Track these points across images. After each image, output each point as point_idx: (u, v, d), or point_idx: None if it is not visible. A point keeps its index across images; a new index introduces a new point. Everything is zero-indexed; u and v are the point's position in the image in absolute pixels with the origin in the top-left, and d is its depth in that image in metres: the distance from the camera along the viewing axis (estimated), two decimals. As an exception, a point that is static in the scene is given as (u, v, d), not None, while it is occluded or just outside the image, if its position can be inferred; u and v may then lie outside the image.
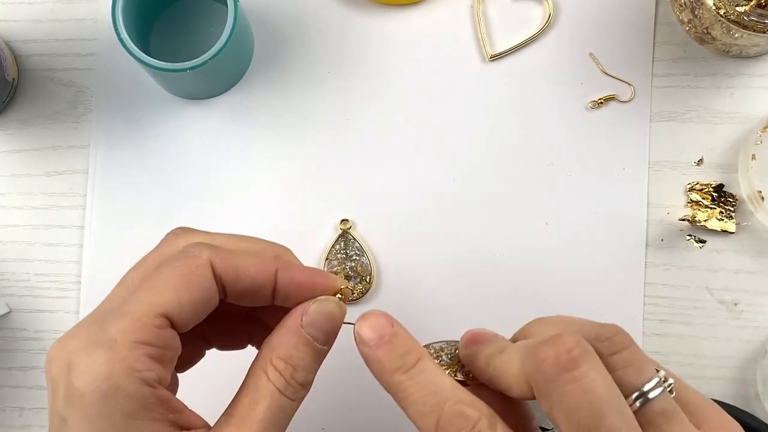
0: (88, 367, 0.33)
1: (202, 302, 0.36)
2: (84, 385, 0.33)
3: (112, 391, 0.32)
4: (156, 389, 0.34)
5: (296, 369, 0.36)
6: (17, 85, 0.56)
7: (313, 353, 0.37)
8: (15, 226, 0.55)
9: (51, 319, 0.55)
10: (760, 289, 0.53)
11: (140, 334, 0.34)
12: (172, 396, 0.35)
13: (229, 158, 0.55)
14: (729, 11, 0.49)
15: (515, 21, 0.56)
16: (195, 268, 0.36)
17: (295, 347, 0.37)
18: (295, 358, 0.37)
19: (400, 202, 0.55)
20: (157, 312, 0.34)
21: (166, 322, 0.35)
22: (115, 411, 0.32)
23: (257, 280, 0.37)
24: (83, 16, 0.57)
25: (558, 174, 0.54)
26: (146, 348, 0.34)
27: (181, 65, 0.49)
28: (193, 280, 0.35)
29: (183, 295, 0.35)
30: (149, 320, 0.34)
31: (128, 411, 0.33)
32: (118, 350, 0.33)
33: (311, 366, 0.37)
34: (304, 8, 0.56)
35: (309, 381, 0.37)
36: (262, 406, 0.35)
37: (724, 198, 0.54)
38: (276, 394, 0.36)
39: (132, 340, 0.33)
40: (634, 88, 0.55)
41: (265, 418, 0.35)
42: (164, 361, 0.35)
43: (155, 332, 0.34)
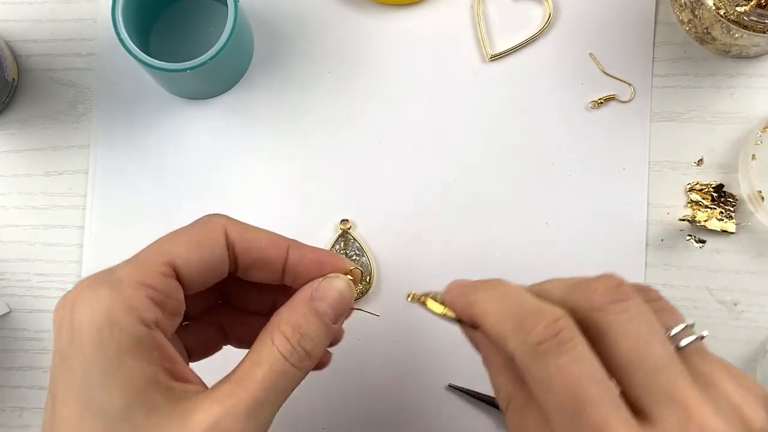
0: (90, 302, 0.34)
1: (211, 264, 0.37)
2: (84, 318, 0.33)
3: (108, 324, 0.33)
4: (152, 331, 0.34)
5: (303, 337, 0.37)
6: (17, 85, 0.56)
7: (321, 326, 0.37)
8: (15, 226, 0.55)
9: (51, 319, 0.54)
10: (760, 289, 0.53)
11: (145, 276, 0.35)
12: (170, 346, 0.35)
13: (229, 158, 0.55)
14: (729, 11, 0.49)
15: (515, 21, 0.56)
16: (209, 232, 0.37)
17: (304, 317, 0.37)
18: (303, 327, 0.37)
19: (400, 202, 0.55)
20: (164, 260, 0.36)
21: (171, 272, 0.36)
22: (110, 345, 0.33)
23: (268, 253, 0.38)
24: (83, 16, 0.57)
25: (558, 174, 0.54)
26: (149, 290, 0.35)
27: (181, 65, 0.49)
28: (204, 242, 0.37)
29: (192, 253, 0.36)
30: (156, 266, 0.35)
31: (122, 346, 0.33)
32: (121, 289, 0.34)
33: (319, 338, 0.37)
34: (304, 8, 0.56)
35: (315, 353, 0.37)
36: (263, 369, 0.35)
37: (724, 198, 0.54)
38: (279, 359, 0.36)
39: (136, 281, 0.34)
40: (634, 88, 0.55)
41: (265, 380, 0.35)
42: (165, 309, 0.35)
43: (160, 278, 0.35)
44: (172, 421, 0.33)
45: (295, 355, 0.36)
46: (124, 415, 0.33)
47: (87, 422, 0.33)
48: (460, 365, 0.53)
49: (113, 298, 0.34)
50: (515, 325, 0.33)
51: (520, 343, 0.32)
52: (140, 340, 0.34)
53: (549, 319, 0.32)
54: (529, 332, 0.32)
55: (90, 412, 0.33)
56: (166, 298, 0.36)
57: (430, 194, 0.55)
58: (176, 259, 0.36)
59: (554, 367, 0.31)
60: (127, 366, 0.33)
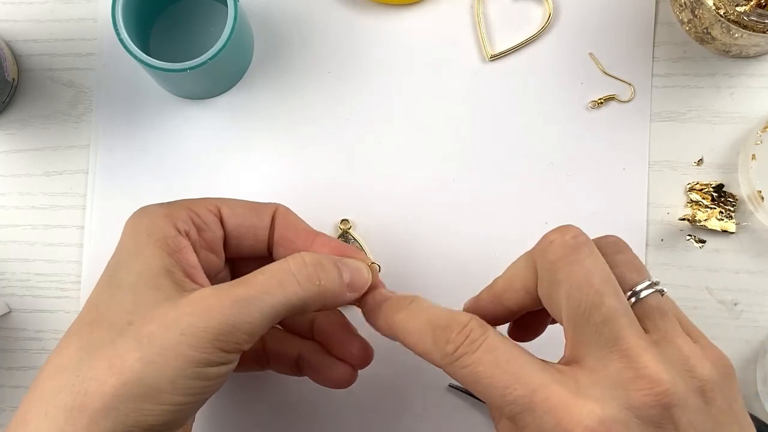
0: (145, 209, 0.42)
1: (253, 224, 0.44)
2: (135, 217, 0.42)
3: (147, 219, 0.41)
4: (181, 236, 0.41)
5: (321, 265, 0.40)
6: (17, 85, 0.56)
7: (336, 272, 0.40)
8: (15, 226, 0.55)
9: (51, 319, 0.55)
10: (760, 289, 0.53)
11: (191, 203, 0.43)
12: (193, 254, 0.41)
13: (228, 158, 0.55)
14: (729, 11, 0.49)
15: (515, 21, 0.56)
16: (262, 204, 0.45)
17: (324, 257, 0.41)
18: (324, 260, 0.40)
19: (400, 202, 0.55)
20: (213, 202, 0.43)
21: (216, 211, 0.43)
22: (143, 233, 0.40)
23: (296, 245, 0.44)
24: (83, 16, 0.57)
25: (558, 174, 0.54)
26: (191, 212, 0.42)
27: (181, 65, 0.49)
28: (256, 206, 0.45)
29: (240, 207, 0.44)
30: (204, 202, 0.43)
31: (151, 236, 0.40)
32: (170, 205, 0.42)
33: (330, 277, 0.40)
34: (304, 8, 0.56)
35: (323, 286, 0.40)
36: (264, 275, 0.39)
37: (724, 198, 0.54)
38: (286, 270, 0.39)
39: (184, 205, 0.42)
40: (634, 88, 0.55)
41: (260, 283, 0.38)
42: (201, 233, 0.42)
43: (204, 210, 0.43)
44: (170, 298, 0.38)
45: (304, 270, 0.39)
46: (131, 287, 0.38)
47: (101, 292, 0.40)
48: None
49: (162, 207, 0.42)
50: (432, 340, 0.36)
51: (440, 357, 0.36)
52: (167, 238, 0.40)
53: (458, 327, 0.36)
54: (445, 345, 0.35)
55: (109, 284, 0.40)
56: (205, 225, 0.42)
57: (430, 194, 0.55)
58: (224, 205, 0.43)
59: (474, 363, 0.34)
60: (148, 251, 0.39)
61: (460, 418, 0.53)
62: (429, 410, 0.53)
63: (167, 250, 0.40)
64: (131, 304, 0.38)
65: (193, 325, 0.36)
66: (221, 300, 0.37)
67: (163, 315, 0.37)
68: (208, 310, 0.37)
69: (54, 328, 0.55)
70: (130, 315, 0.37)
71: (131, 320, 0.37)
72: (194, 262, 0.41)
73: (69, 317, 0.54)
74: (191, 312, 0.37)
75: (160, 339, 0.36)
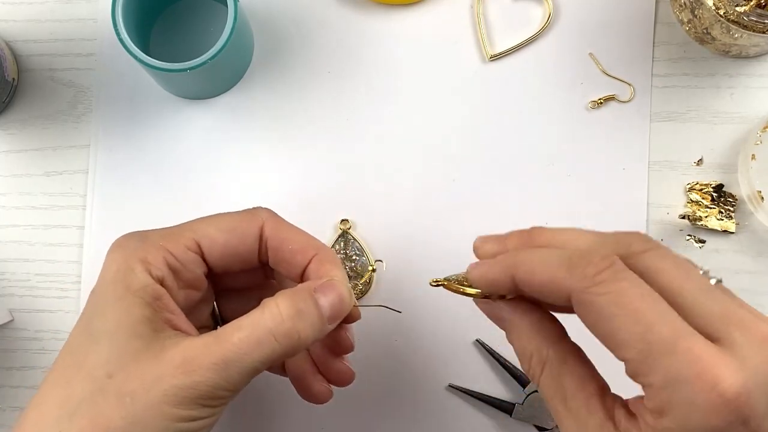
0: (120, 247, 0.41)
1: (238, 251, 0.42)
2: (110, 258, 0.40)
3: (124, 266, 0.40)
4: (156, 284, 0.39)
5: (298, 314, 0.39)
6: (17, 85, 0.56)
7: (317, 315, 0.40)
8: (15, 226, 0.55)
9: (51, 319, 0.55)
10: (760, 289, 0.53)
11: (168, 242, 0.41)
12: (171, 301, 0.40)
13: (228, 158, 0.55)
14: (729, 11, 0.49)
15: (515, 21, 0.56)
16: (245, 222, 0.42)
17: (303, 300, 0.40)
18: (300, 306, 0.39)
19: (400, 202, 0.55)
20: (191, 236, 0.41)
21: (195, 247, 0.41)
22: (120, 282, 0.39)
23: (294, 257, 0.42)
24: (83, 16, 0.57)
25: (558, 174, 0.54)
26: (167, 254, 0.40)
27: (181, 65, 0.49)
28: (237, 230, 0.42)
29: (221, 236, 0.41)
30: (182, 238, 0.41)
31: (129, 286, 0.39)
32: (146, 245, 0.40)
33: (311, 324, 0.39)
34: (304, 8, 0.56)
35: (301, 336, 0.39)
36: (242, 333, 0.38)
37: (724, 198, 0.54)
38: (263, 327, 0.38)
39: (159, 243, 0.40)
40: (634, 88, 0.55)
41: (239, 343, 0.38)
42: (178, 275, 0.41)
43: (182, 248, 0.41)
44: (150, 349, 0.37)
45: (281, 326, 0.39)
46: (109, 336, 0.38)
47: (78, 339, 0.39)
48: (460, 365, 0.53)
49: (136, 248, 0.40)
50: (569, 267, 0.34)
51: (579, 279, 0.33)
52: (145, 287, 0.39)
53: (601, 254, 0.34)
54: (586, 267, 0.33)
55: (85, 332, 0.39)
56: (182, 266, 0.41)
57: (429, 194, 0.55)
58: (203, 238, 0.41)
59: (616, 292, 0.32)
60: (126, 301, 0.39)
61: (460, 418, 0.53)
62: (429, 410, 0.53)
63: (146, 299, 0.39)
64: (109, 354, 0.38)
65: (175, 386, 0.37)
66: (201, 362, 0.37)
67: (144, 372, 0.37)
68: (189, 374, 0.37)
69: (54, 329, 0.55)
70: (108, 366, 0.37)
71: (111, 372, 0.37)
72: (173, 308, 0.40)
73: (69, 317, 0.54)
74: (173, 373, 0.37)
75: (142, 398, 0.37)
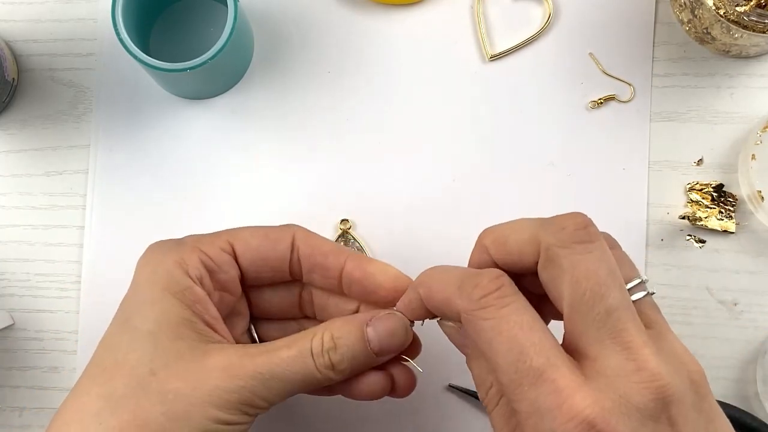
0: (155, 252, 0.42)
1: (270, 256, 0.42)
2: (146, 262, 0.42)
3: (161, 268, 0.40)
4: (196, 285, 0.40)
5: (337, 348, 0.39)
6: (17, 85, 0.56)
7: (361, 348, 0.40)
8: (15, 226, 0.55)
9: (51, 319, 0.55)
10: (760, 289, 0.53)
11: (203, 244, 0.42)
12: (211, 304, 0.41)
13: (228, 158, 0.55)
14: (729, 11, 0.49)
15: (515, 21, 0.56)
16: (278, 231, 0.43)
17: (349, 332, 0.40)
18: (342, 339, 0.40)
19: (400, 202, 0.55)
20: (226, 238, 0.42)
21: (230, 249, 0.42)
22: (157, 283, 0.40)
23: (327, 259, 0.43)
24: (83, 16, 0.57)
25: (558, 174, 0.54)
26: (202, 255, 0.41)
27: (181, 65, 0.49)
28: (270, 235, 0.43)
29: (254, 240, 0.42)
30: (217, 241, 0.42)
31: (167, 287, 0.40)
32: (181, 248, 0.41)
33: (353, 357, 0.40)
34: (304, 8, 0.56)
35: (341, 368, 0.40)
36: (291, 352, 0.39)
37: (724, 198, 0.54)
38: (307, 354, 0.39)
39: (194, 245, 0.41)
40: (634, 88, 0.55)
41: (285, 361, 0.39)
42: (213, 276, 0.41)
43: (217, 250, 0.42)
44: (195, 351, 0.38)
45: (320, 358, 0.39)
46: (152, 336, 0.39)
47: (116, 338, 0.40)
48: (460, 365, 0.53)
49: (172, 251, 0.41)
50: (459, 288, 0.35)
51: (465, 301, 0.34)
52: (184, 289, 0.40)
53: (490, 276, 0.34)
54: (473, 289, 0.34)
55: (124, 330, 0.40)
56: (218, 267, 0.42)
57: (429, 194, 0.55)
58: (237, 241, 0.42)
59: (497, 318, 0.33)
60: (166, 302, 0.39)
61: (460, 417, 0.53)
62: (429, 410, 0.53)
63: (185, 302, 0.40)
64: (153, 353, 0.39)
65: (219, 387, 0.38)
66: (246, 368, 0.38)
67: (188, 371, 0.38)
68: (233, 378, 0.38)
69: (54, 328, 0.55)
70: (152, 364, 0.38)
71: (154, 370, 0.38)
72: (213, 313, 0.41)
73: (69, 317, 0.54)
74: (218, 376, 0.38)
75: (186, 397, 0.37)
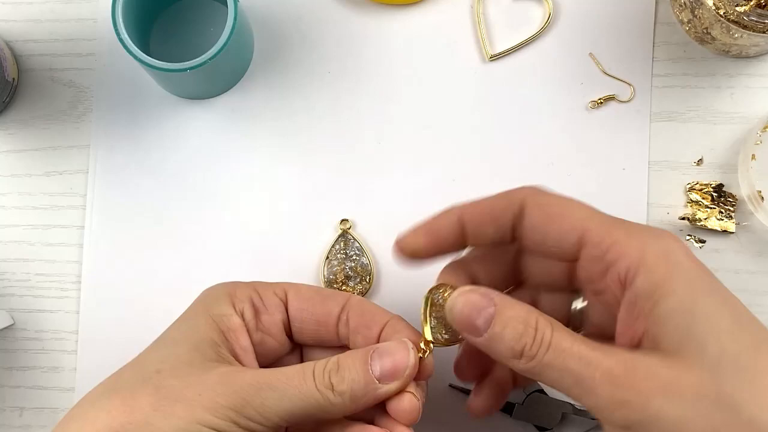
0: (217, 283, 0.44)
1: (317, 309, 0.43)
2: (205, 289, 0.44)
3: (212, 292, 0.43)
4: (236, 316, 0.42)
5: (339, 368, 0.39)
6: (17, 85, 0.56)
7: (362, 371, 0.39)
8: (15, 226, 0.55)
9: (51, 319, 0.55)
10: (760, 289, 0.53)
11: (259, 285, 0.43)
12: (245, 336, 0.42)
13: (229, 158, 0.55)
14: (729, 11, 0.49)
15: (515, 21, 0.56)
16: (334, 292, 0.44)
17: (354, 357, 0.40)
18: (346, 362, 0.39)
19: (400, 202, 0.55)
20: (283, 287, 0.44)
21: (282, 295, 0.43)
22: (202, 303, 0.43)
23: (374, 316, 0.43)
24: (83, 16, 0.57)
25: (558, 174, 0.54)
26: (253, 293, 0.43)
27: (181, 65, 0.49)
28: (325, 291, 0.45)
29: (309, 291, 0.44)
30: (274, 286, 0.43)
31: (207, 308, 0.42)
32: (238, 284, 0.43)
33: (352, 380, 0.39)
34: (304, 8, 0.56)
35: (340, 389, 0.39)
36: (292, 370, 0.39)
37: (724, 198, 0.54)
38: (305, 371, 0.39)
39: (251, 284, 0.43)
40: (634, 88, 0.55)
41: (278, 376, 0.39)
42: (260, 314, 0.43)
43: (269, 292, 0.43)
44: (206, 363, 0.39)
45: (320, 377, 0.39)
46: (173, 343, 0.41)
47: (150, 345, 0.42)
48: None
49: (230, 284, 0.43)
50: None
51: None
52: (222, 316, 0.41)
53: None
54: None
55: (158, 338, 0.42)
56: (264, 307, 0.43)
57: (430, 194, 0.54)
58: (291, 289, 0.43)
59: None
60: (200, 320, 0.41)
61: (460, 417, 0.53)
62: (429, 410, 0.53)
63: (220, 326, 0.41)
64: (166, 356, 0.40)
65: (211, 389, 0.38)
66: (244, 375, 0.39)
67: (189, 374, 0.39)
68: (228, 382, 0.38)
69: (54, 328, 0.55)
70: (160, 364, 0.39)
71: (160, 369, 0.39)
72: (245, 345, 0.42)
73: (69, 317, 0.54)
74: (214, 380, 0.38)
75: (177, 392, 0.38)
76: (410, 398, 0.40)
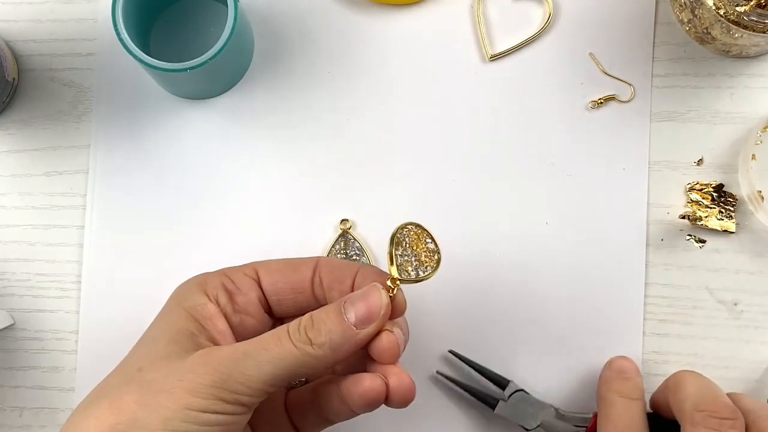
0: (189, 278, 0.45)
1: (290, 277, 0.44)
2: (178, 285, 0.45)
3: (184, 287, 0.44)
4: (210, 303, 0.43)
5: (314, 323, 0.40)
6: (17, 85, 0.56)
7: (338, 321, 0.40)
8: (15, 226, 0.55)
9: (51, 319, 0.55)
10: (760, 289, 0.53)
11: (230, 270, 0.44)
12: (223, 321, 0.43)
13: (229, 158, 0.55)
14: (729, 11, 0.49)
15: (515, 21, 0.56)
16: (302, 259, 0.45)
17: (327, 311, 0.40)
18: (320, 316, 0.40)
19: (400, 202, 0.55)
20: (252, 266, 0.45)
21: (253, 274, 0.44)
22: (176, 298, 0.44)
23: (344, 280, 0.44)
24: (83, 16, 0.57)
25: (558, 174, 0.54)
26: (225, 278, 0.44)
27: (181, 65, 0.49)
28: (294, 261, 0.45)
29: (278, 264, 0.45)
30: (243, 267, 0.45)
31: (181, 301, 0.43)
32: (208, 274, 0.45)
33: (329, 330, 0.40)
34: (304, 8, 0.56)
35: (318, 341, 0.39)
36: (268, 334, 0.40)
37: (724, 198, 0.54)
38: (280, 334, 0.40)
39: (222, 271, 0.44)
40: (634, 88, 0.55)
41: (254, 344, 0.39)
42: (234, 296, 0.44)
43: (239, 273, 0.44)
44: (183, 353, 0.40)
45: (296, 334, 0.39)
46: (152, 341, 0.42)
47: (133, 349, 0.42)
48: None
49: (200, 276, 0.44)
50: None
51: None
52: (196, 305, 0.42)
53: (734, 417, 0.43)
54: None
55: (138, 340, 0.43)
56: (237, 289, 0.44)
57: (429, 194, 0.55)
58: (261, 267, 0.45)
59: None
60: (174, 314, 0.42)
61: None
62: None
63: (195, 316, 0.42)
64: (145, 354, 0.41)
65: (192, 371, 0.38)
66: (222, 351, 0.39)
67: (168, 365, 0.39)
68: (207, 361, 0.39)
69: (54, 328, 0.55)
70: (141, 362, 0.40)
71: (141, 366, 0.40)
72: (222, 328, 0.43)
73: (69, 317, 0.54)
74: (194, 363, 0.39)
75: (158, 383, 0.38)
76: (387, 335, 0.41)
